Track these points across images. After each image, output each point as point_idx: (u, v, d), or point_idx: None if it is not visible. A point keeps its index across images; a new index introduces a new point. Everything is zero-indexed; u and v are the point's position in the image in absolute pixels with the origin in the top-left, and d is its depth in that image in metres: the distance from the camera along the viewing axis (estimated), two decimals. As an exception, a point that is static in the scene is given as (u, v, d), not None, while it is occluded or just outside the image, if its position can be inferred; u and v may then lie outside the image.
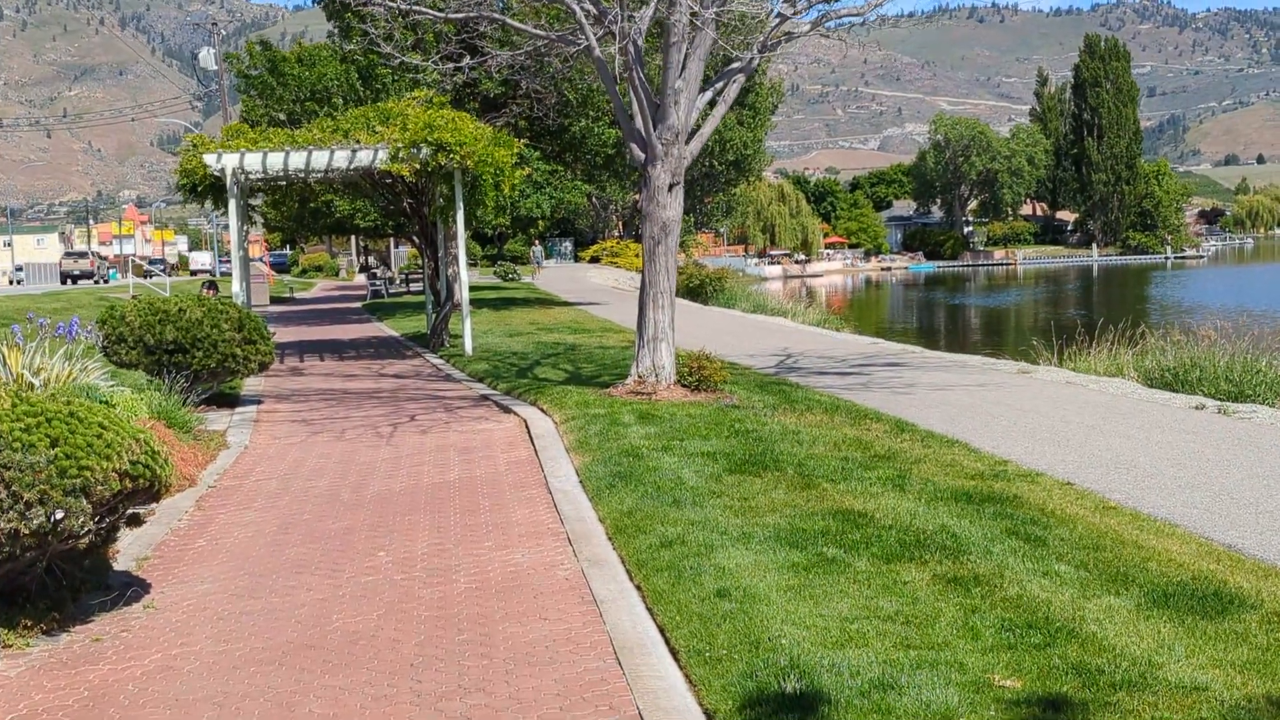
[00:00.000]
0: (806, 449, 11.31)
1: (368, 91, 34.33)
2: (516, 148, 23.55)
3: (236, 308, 16.95)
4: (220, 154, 22.93)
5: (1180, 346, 20.78)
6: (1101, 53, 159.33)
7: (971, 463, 10.84)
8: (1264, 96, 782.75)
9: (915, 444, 11.74)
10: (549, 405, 14.75)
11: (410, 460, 12.36)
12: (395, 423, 14.94)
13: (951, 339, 45.05)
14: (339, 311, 45.12)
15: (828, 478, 10.00)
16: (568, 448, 12.26)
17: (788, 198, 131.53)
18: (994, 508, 8.93)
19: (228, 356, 16.21)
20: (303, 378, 21.24)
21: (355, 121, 24.11)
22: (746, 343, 24.44)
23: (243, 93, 39.10)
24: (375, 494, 10.78)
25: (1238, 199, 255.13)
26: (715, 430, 12.28)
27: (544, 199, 37.17)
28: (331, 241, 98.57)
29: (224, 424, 15.18)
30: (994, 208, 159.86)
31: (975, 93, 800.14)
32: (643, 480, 9.97)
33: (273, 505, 10.50)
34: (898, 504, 9.06)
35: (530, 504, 10.09)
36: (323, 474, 11.83)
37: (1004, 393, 15.86)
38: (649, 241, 14.92)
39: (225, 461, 12.61)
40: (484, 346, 24.31)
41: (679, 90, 14.52)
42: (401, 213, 27.95)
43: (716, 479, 10.04)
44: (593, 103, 36.09)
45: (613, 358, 21.04)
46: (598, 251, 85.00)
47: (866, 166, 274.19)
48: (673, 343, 15.14)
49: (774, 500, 9.26)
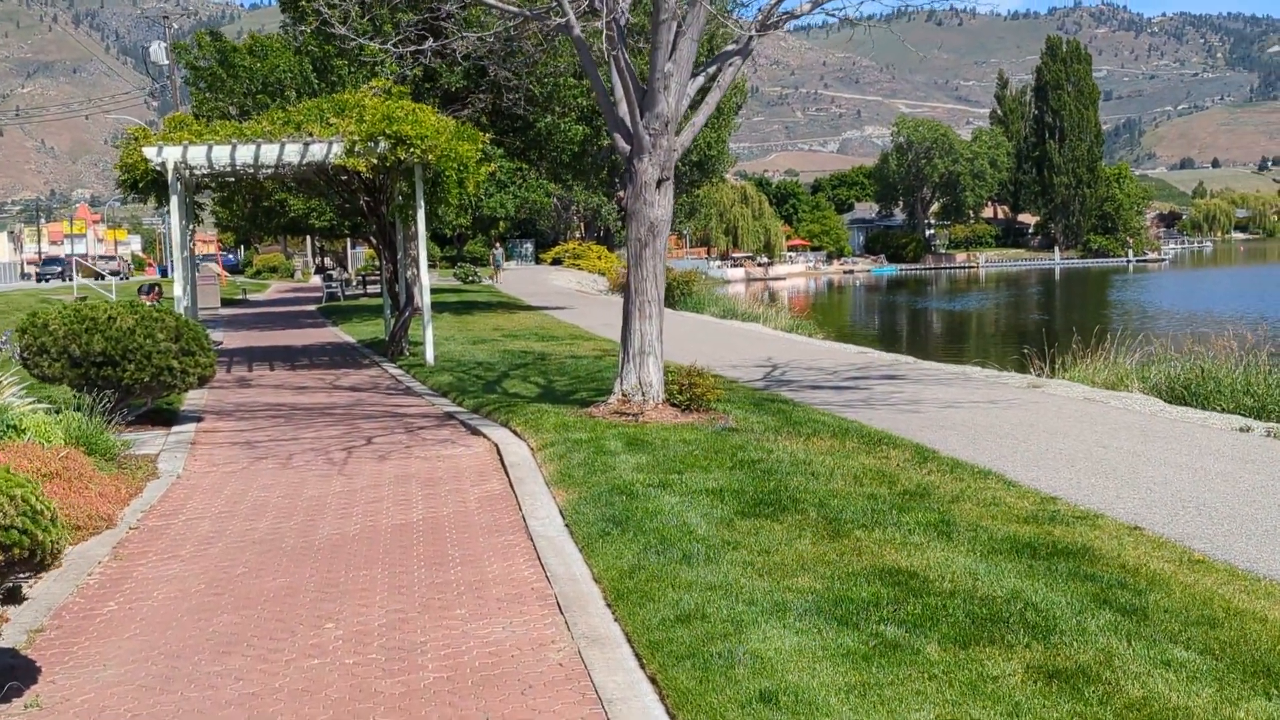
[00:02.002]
0: (824, 484, 9.81)
1: (322, 84, 32.62)
2: (481, 141, 21.96)
3: (174, 315, 15.31)
4: (161, 147, 21.24)
5: (1189, 357, 19.51)
6: (1063, 55, 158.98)
7: (1015, 500, 9.36)
8: (1219, 101, 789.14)
9: (944, 476, 10.25)
10: (523, 427, 13.18)
11: (366, 494, 10.77)
12: (350, 446, 13.33)
13: (929, 345, 43.70)
14: (293, 315, 43.32)
15: (858, 522, 8.50)
16: (548, 480, 10.70)
17: (750, 200, 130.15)
18: (1066, 564, 7.45)
19: (163, 370, 14.58)
20: (250, 390, 19.58)
21: (308, 113, 22.45)
22: (726, 351, 22.93)
23: (191, 85, 37.31)
24: (325, 540, 9.18)
25: (1195, 203, 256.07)
26: (716, 460, 10.76)
27: (508, 198, 35.54)
28: (286, 242, 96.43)
29: (156, 447, 13.53)
30: (956, 210, 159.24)
31: (934, 95, 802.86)
32: (642, 527, 8.43)
33: (203, 554, 8.90)
34: (950, 559, 7.57)
35: (508, 554, 8.54)
36: (264, 512, 10.23)
37: (1021, 411, 14.42)
38: (634, 244, 13.38)
39: (153, 495, 10.99)
40: (447, 355, 22.71)
41: (669, 74, 12.99)
42: (358, 211, 26.28)
43: (728, 525, 8.51)
44: (559, 98, 34.53)
45: (587, 369, 19.50)
46: (559, 253, 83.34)
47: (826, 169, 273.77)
48: (661, 357, 13.61)
49: (801, 554, 7.74)
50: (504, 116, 34.77)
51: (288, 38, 36.08)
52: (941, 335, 53.43)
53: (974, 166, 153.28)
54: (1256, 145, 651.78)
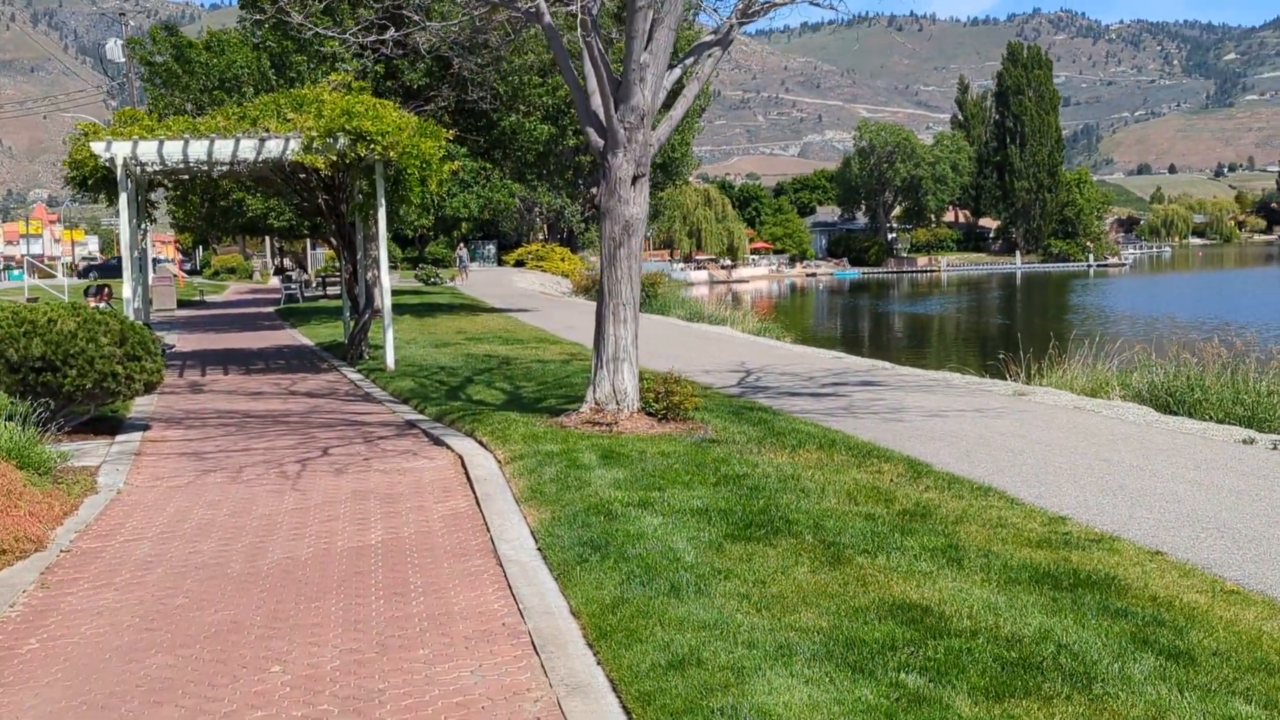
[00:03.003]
0: (817, 503, 9.10)
1: (280, 80, 31.73)
2: (445, 138, 21.16)
3: (119, 318, 14.47)
4: (110, 141, 20.37)
5: (1174, 364, 18.93)
6: (1024, 60, 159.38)
7: (1023, 521, 8.67)
8: (1175, 107, 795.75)
9: (943, 493, 9.56)
10: (490, 437, 12.41)
11: (321, 512, 9.98)
12: (304, 458, 12.52)
13: (898, 349, 43.13)
14: (250, 317, 42.34)
15: (859, 547, 7.79)
16: (518, 497, 9.95)
17: (714, 202, 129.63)
18: (1092, 596, 6.77)
19: (106, 376, 13.76)
20: (202, 395, 18.73)
21: (264, 108, 21.62)
22: (697, 355, 22.21)
23: (146, 81, 36.31)
24: (274, 565, 8.40)
25: (1153, 208, 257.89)
26: (699, 475, 10.03)
27: (471, 199, 34.67)
28: (245, 242, 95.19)
29: (98, 458, 12.69)
30: (918, 214, 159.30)
31: (894, 100, 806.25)
32: (624, 553, 7.69)
33: (140, 581, 8.10)
34: (966, 591, 6.87)
35: (476, 582, 7.78)
36: (210, 532, 9.43)
37: (1011, 421, 13.76)
38: (608, 244, 12.64)
39: (90, 513, 10.16)
40: (408, 359, 21.90)
41: (645, 64, 12.26)
42: (317, 211, 25.40)
43: (717, 549, 7.79)
44: (523, 96, 33.75)
45: (554, 374, 18.75)
46: (522, 255, 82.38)
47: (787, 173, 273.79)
48: (636, 363, 12.87)
49: (801, 584, 7.03)
50: (467, 114, 33.97)
51: (246, 33, 35.18)
52: (909, 339, 52.97)
53: (936, 171, 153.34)
54: (1212, 152, 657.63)
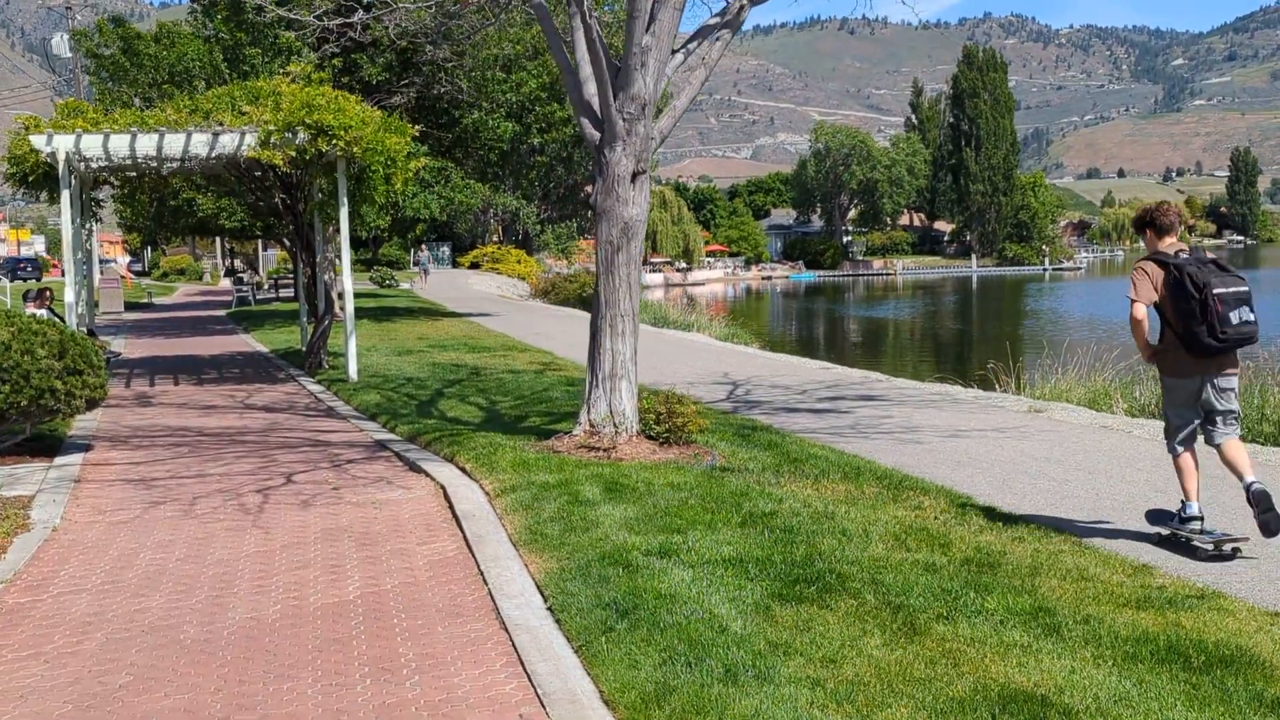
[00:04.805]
0: (863, 549, 7.89)
1: (234, 74, 30.24)
2: (410, 134, 19.86)
3: (59, 328, 13.09)
4: (51, 135, 18.93)
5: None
6: (980, 63, 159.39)
7: (1104, 572, 7.51)
8: (1124, 112, 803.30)
9: (1000, 535, 8.38)
10: (474, 464, 11.12)
11: (288, 557, 8.67)
12: (266, 486, 11.19)
13: (873, 356, 42.09)
14: (201, 321, 40.81)
15: (932, 611, 6.60)
16: (514, 539, 8.68)
17: (669, 205, 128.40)
18: (1234, 680, 5.60)
19: (44, 392, 12.39)
20: (151, 409, 17.34)
21: (218, 101, 20.27)
22: (676, 366, 21.01)
23: (93, 75, 34.73)
24: (236, 628, 7.10)
25: (1104, 212, 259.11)
26: (720, 514, 8.81)
27: (432, 199, 33.30)
28: (195, 243, 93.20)
29: (32, 486, 11.34)
30: (874, 217, 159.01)
31: (846, 104, 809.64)
32: (657, 620, 6.46)
33: (75, 650, 6.78)
34: (1080, 673, 5.69)
35: (478, 653, 6.52)
36: (159, 582, 8.11)
37: (1038, 444, 12.62)
38: (605, 248, 11.39)
39: (20, 555, 8.82)
40: (370, 369, 20.58)
41: (647, 48, 11.03)
42: (272, 211, 24.04)
43: (767, 615, 6.57)
44: (487, 92, 32.44)
45: (530, 387, 17.50)
46: (478, 257, 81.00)
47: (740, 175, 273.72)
48: (635, 381, 11.64)
49: (879, 665, 5.81)
50: (428, 111, 32.62)
51: (197, 24, 33.67)
52: (879, 346, 51.94)
53: (892, 174, 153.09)
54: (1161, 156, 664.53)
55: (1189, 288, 7.80)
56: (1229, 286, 7.79)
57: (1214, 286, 7.74)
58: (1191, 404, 8.22)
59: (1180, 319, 7.93)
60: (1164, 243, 8.19)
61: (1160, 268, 8.01)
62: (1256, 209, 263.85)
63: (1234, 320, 7.75)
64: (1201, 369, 8.07)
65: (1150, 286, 8.00)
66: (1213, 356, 7.97)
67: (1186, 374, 8.13)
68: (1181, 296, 7.86)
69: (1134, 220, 8.67)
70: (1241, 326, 7.78)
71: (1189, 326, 7.87)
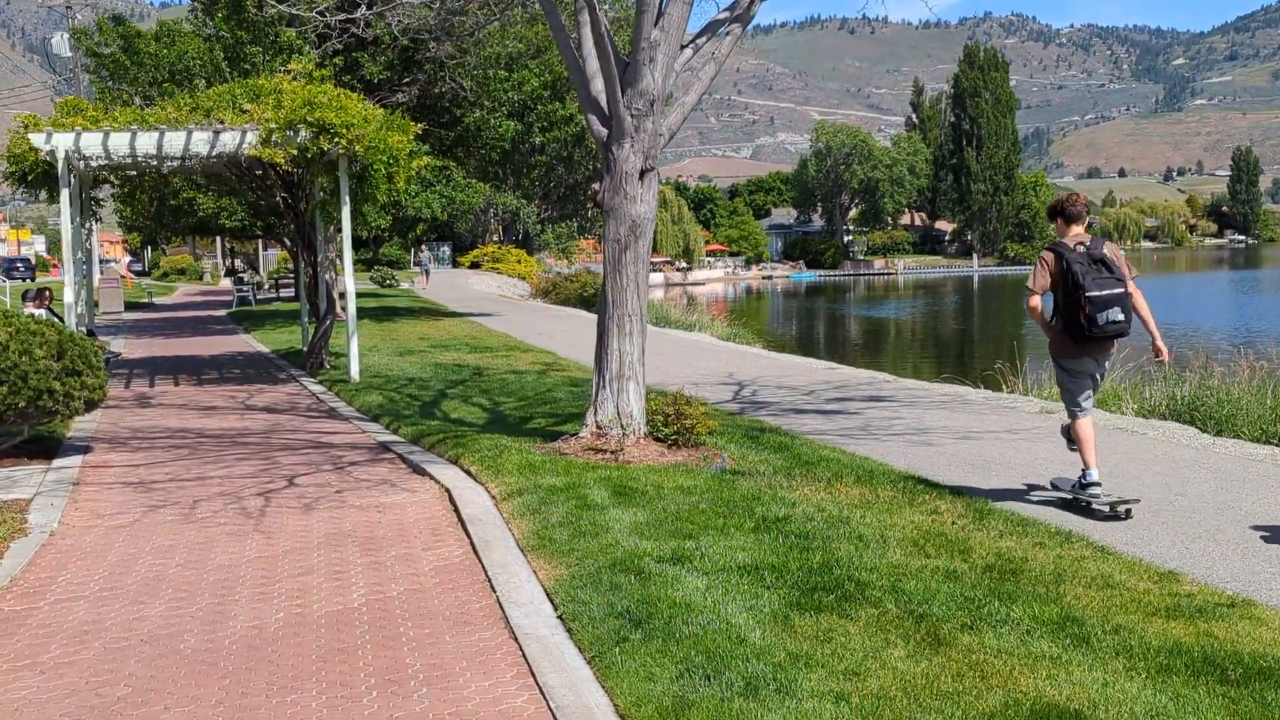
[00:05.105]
0: (881, 555, 7.69)
1: (235, 73, 30.03)
2: (413, 131, 19.65)
3: (57, 328, 12.90)
4: (50, 133, 18.75)
5: (1201, 376, 17.76)
6: (981, 63, 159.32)
7: (1129, 578, 7.31)
8: (1125, 111, 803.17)
9: (1020, 540, 8.18)
10: (479, 467, 10.92)
11: (291, 562, 8.47)
12: (268, 490, 10.98)
13: (877, 356, 41.91)
14: (201, 320, 40.61)
15: (956, 620, 6.40)
16: (522, 544, 8.47)
17: (670, 204, 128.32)
18: (1274, 692, 5.40)
19: (42, 393, 12.20)
20: (150, 410, 17.15)
21: (219, 99, 20.06)
22: (680, 366, 20.79)
23: (92, 73, 34.53)
24: (238, 637, 6.90)
25: (1105, 211, 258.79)
26: (733, 519, 8.60)
27: (434, 198, 33.11)
28: (195, 243, 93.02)
29: (30, 489, 11.14)
30: (875, 217, 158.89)
31: (847, 103, 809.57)
32: (672, 629, 6.25)
33: (72, 660, 6.58)
34: (1113, 686, 5.49)
35: (487, 664, 6.31)
36: (159, 589, 7.91)
37: (1052, 446, 12.40)
38: (612, 247, 11.19)
39: (16, 561, 8.62)
40: (372, 369, 20.38)
41: (656, 43, 10.83)
42: (273, 210, 23.87)
43: (786, 624, 6.37)
44: (489, 91, 32.23)
45: (533, 387, 17.30)
46: (478, 256, 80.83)
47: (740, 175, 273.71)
48: (643, 382, 11.43)
49: (904, 677, 5.61)
50: (430, 110, 32.42)
51: (197, 23, 33.47)
52: (882, 345, 51.78)
53: (893, 173, 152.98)
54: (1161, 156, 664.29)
55: (1069, 285, 8.76)
56: (1101, 290, 8.68)
57: (1088, 290, 8.67)
58: (1089, 379, 9.20)
59: (1065, 308, 8.91)
60: (1071, 231, 9.03)
61: (1057, 259, 8.86)
62: (1258, 208, 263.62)
63: (1100, 321, 8.70)
64: (1089, 352, 9.06)
65: (1047, 276, 8.92)
66: (1098, 343, 8.97)
67: (1079, 355, 9.08)
68: (1065, 290, 8.83)
69: (1048, 209, 9.48)
70: (1108, 326, 8.72)
71: (1068, 316, 8.86)
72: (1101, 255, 8.77)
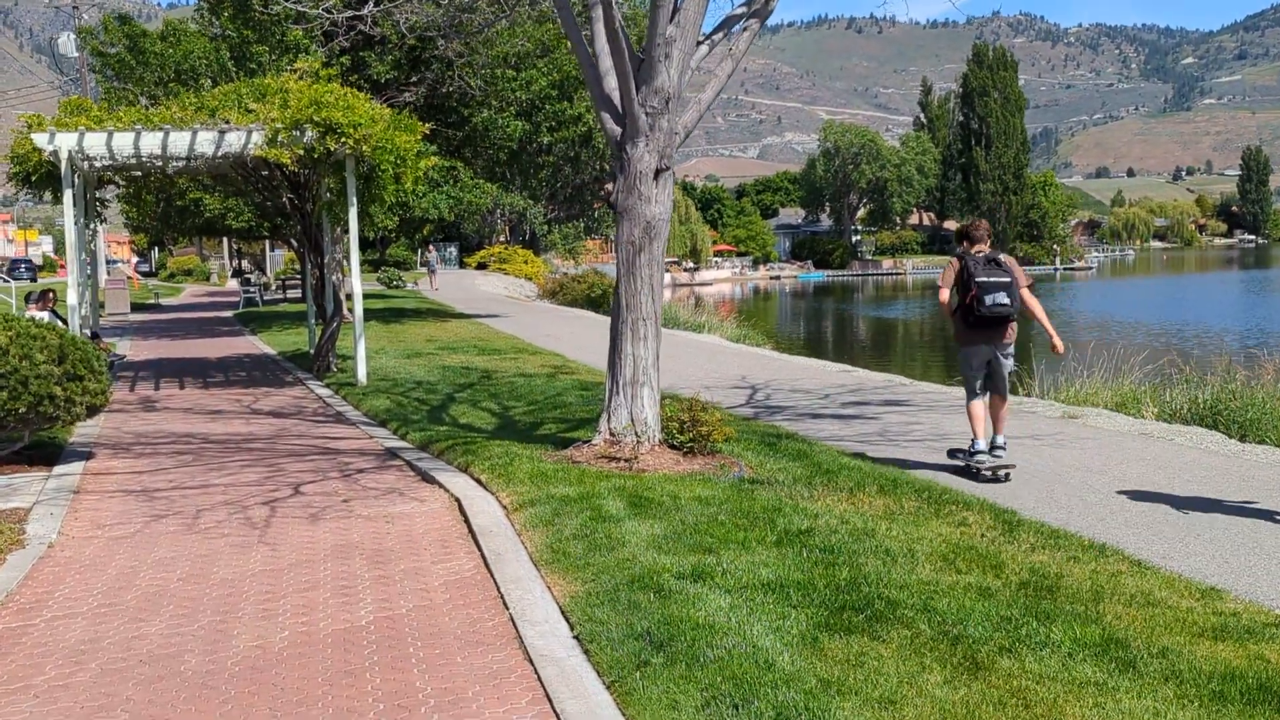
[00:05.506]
0: (910, 571, 7.39)
1: (240, 72, 29.77)
2: (421, 131, 19.35)
3: (58, 332, 12.62)
4: (53, 133, 18.47)
5: (1222, 378, 17.43)
6: (990, 62, 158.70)
7: (1171, 595, 7.00)
8: (1133, 111, 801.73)
9: (1054, 554, 7.87)
10: (489, 475, 10.62)
11: (297, 576, 8.18)
12: (273, 498, 10.69)
13: (890, 357, 41.57)
14: (208, 322, 40.35)
15: (993, 642, 6.09)
16: (535, 558, 8.17)
17: (677, 204, 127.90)
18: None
19: (43, 398, 11.94)
20: (155, 414, 16.87)
21: (224, 99, 19.75)
22: (691, 369, 20.49)
23: (98, 73, 34.30)
24: (241, 657, 6.60)
25: (1114, 211, 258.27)
26: (754, 531, 8.30)
27: (441, 199, 32.81)
28: (202, 244, 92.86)
29: (29, 497, 10.85)
30: (883, 216, 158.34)
31: (854, 103, 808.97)
32: (696, 653, 5.94)
33: (68, 682, 6.29)
34: (1163, 716, 5.20)
35: (501, 688, 6.02)
36: (160, 604, 7.62)
37: (1077, 452, 12.12)
38: (626, 248, 10.89)
39: (13, 575, 8.33)
40: (379, 372, 20.09)
41: (671, 39, 10.53)
42: (280, 211, 23.55)
43: (814, 646, 6.06)
44: (496, 91, 31.92)
45: (543, 391, 17.01)
46: (485, 257, 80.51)
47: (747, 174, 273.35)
48: (657, 388, 11.13)
49: (943, 706, 5.30)
50: (438, 110, 32.13)
51: (203, 23, 33.22)
52: (888, 345, 51.46)
53: (901, 173, 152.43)
54: (1170, 155, 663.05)
55: (964, 277, 10.45)
56: (990, 277, 10.31)
57: (977, 277, 10.32)
58: (982, 365, 10.70)
59: (961, 298, 10.55)
60: (974, 249, 10.64)
61: (959, 261, 10.57)
62: (1268, 208, 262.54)
63: (988, 302, 10.27)
64: (985, 338, 10.58)
65: (951, 275, 10.63)
66: (988, 328, 10.50)
67: (975, 341, 10.62)
68: (962, 284, 10.52)
69: (955, 233, 11.34)
70: (994, 308, 10.29)
71: (964, 303, 10.49)
72: (995, 258, 10.43)
